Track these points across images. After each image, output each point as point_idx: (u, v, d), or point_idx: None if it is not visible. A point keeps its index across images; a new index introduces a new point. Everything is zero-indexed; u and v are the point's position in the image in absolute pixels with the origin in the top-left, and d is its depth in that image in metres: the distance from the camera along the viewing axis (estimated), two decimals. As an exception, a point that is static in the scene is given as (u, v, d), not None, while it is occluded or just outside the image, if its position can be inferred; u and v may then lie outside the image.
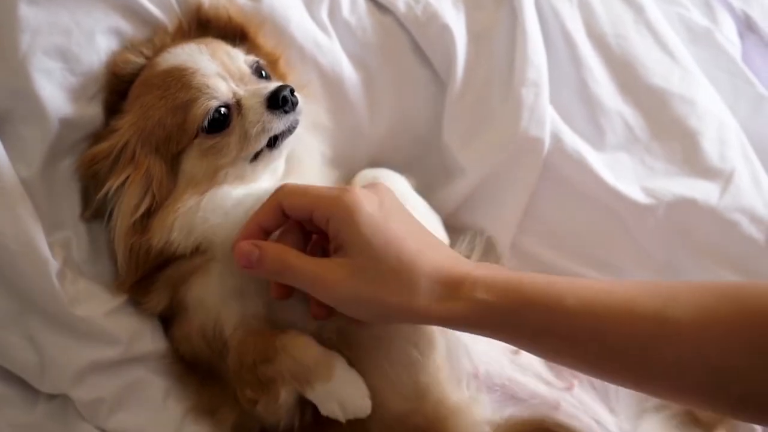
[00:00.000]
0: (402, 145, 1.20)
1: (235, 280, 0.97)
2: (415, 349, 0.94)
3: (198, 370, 1.02)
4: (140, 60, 1.04)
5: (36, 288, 0.98)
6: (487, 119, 1.15)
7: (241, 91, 1.00)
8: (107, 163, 0.98)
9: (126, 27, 1.05)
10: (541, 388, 0.96)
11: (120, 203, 0.98)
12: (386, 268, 0.84)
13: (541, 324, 0.82)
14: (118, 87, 1.04)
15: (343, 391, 0.90)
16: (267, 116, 0.98)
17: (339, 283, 0.85)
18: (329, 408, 0.90)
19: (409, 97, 1.19)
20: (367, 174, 1.12)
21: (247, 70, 1.03)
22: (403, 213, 0.92)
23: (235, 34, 1.08)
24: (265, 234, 0.92)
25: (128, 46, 1.05)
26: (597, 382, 0.99)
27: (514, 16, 1.16)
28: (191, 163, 0.99)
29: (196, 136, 0.98)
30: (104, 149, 0.99)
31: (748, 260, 1.10)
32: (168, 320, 1.04)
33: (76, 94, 1.02)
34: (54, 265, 0.97)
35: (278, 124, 0.98)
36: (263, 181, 1.03)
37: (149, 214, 0.98)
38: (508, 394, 0.96)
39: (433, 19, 1.16)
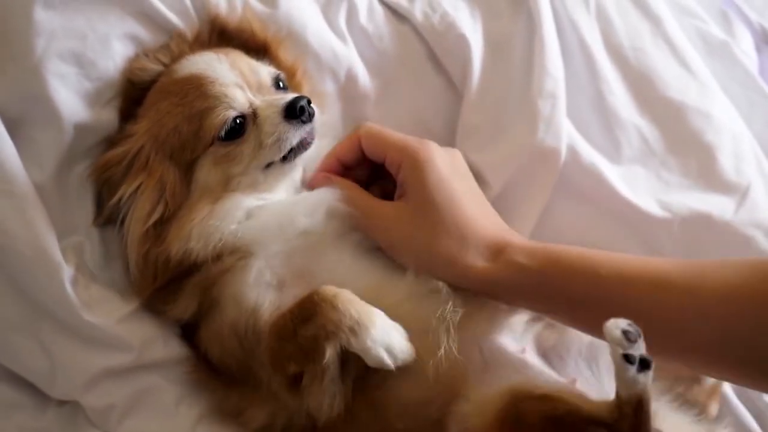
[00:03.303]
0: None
1: (273, 272, 0.97)
2: (443, 336, 0.93)
3: (223, 373, 1.01)
4: (157, 67, 1.04)
5: (48, 293, 0.98)
6: (502, 129, 1.14)
7: (257, 101, 1.00)
8: (120, 169, 0.98)
9: (142, 33, 1.05)
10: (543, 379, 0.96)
11: (133, 210, 0.98)
12: (443, 220, 0.93)
13: (577, 293, 0.87)
14: (134, 94, 1.04)
15: (388, 336, 0.89)
16: (283, 126, 0.98)
17: (396, 222, 0.94)
18: (376, 355, 0.88)
19: (423, 104, 1.19)
20: None
21: (266, 82, 1.03)
22: (469, 178, 1.01)
23: (257, 47, 1.08)
24: (343, 167, 1.03)
25: (144, 53, 1.05)
26: (595, 380, 1.00)
27: (531, 27, 1.16)
28: (205, 171, 0.99)
29: (211, 144, 0.98)
30: (118, 155, 0.98)
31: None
32: (190, 328, 1.03)
33: (91, 99, 1.02)
34: (67, 270, 0.97)
35: (294, 133, 0.98)
36: (280, 192, 1.03)
37: (162, 222, 0.98)
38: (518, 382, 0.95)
39: (450, 28, 1.16)
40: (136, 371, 1.01)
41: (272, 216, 1.00)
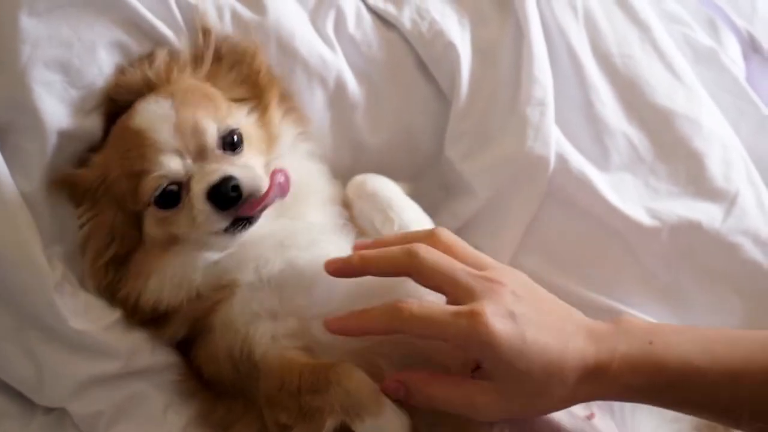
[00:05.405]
0: (403, 161, 1.19)
1: (262, 303, 0.96)
2: None
3: (215, 387, 1.01)
4: (137, 86, 1.02)
5: (35, 301, 0.97)
6: (491, 137, 1.14)
7: (194, 169, 0.96)
8: (76, 193, 1.00)
9: (129, 41, 1.04)
10: (564, 420, 0.95)
11: (87, 238, 1.01)
12: (535, 385, 0.86)
13: (683, 398, 0.88)
14: (113, 109, 1.03)
15: (392, 427, 0.88)
16: (208, 209, 0.94)
17: (490, 406, 0.88)
18: None
19: (411, 112, 1.19)
20: (356, 180, 1.10)
21: (211, 144, 0.97)
22: (536, 301, 0.91)
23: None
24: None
25: (132, 67, 1.04)
26: (617, 411, 1.00)
27: (519, 34, 1.16)
28: (149, 227, 0.99)
29: (148, 205, 0.98)
30: (78, 176, 1.00)
31: (751, 283, 1.10)
32: (183, 341, 1.03)
33: (76, 108, 1.01)
34: (53, 278, 0.97)
35: (219, 219, 0.94)
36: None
37: (120, 260, 1.00)
38: (533, 428, 0.94)
39: (438, 36, 1.16)
40: (123, 378, 1.01)
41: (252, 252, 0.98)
